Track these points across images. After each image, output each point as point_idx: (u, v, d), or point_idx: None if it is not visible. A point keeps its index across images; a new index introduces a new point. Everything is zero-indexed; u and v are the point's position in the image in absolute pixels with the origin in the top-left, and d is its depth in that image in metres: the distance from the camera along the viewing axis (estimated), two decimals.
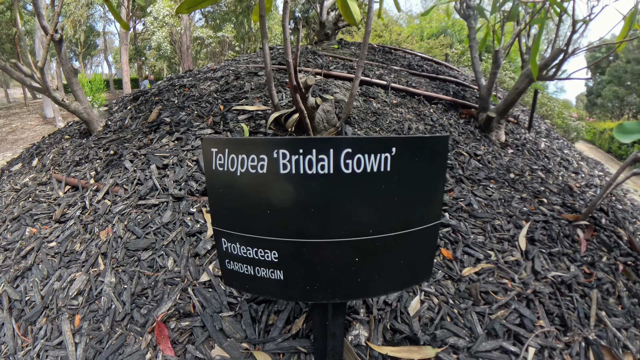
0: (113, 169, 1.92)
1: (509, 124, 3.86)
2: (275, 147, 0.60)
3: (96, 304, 1.24)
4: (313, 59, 3.15)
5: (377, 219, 0.66)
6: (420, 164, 0.65)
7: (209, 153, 0.67)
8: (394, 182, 0.63)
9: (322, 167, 0.59)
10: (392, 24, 7.03)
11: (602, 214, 2.50)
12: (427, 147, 0.66)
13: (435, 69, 4.10)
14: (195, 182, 1.59)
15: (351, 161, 0.60)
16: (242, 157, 0.63)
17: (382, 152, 0.61)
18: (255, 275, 0.77)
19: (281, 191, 0.63)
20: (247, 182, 0.65)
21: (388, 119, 2.48)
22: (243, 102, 2.29)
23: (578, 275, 1.64)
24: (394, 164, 0.62)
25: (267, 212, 0.66)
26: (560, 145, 4.64)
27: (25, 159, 3.29)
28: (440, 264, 1.33)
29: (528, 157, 3.24)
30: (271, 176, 0.62)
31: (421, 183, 0.68)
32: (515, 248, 1.56)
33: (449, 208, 1.67)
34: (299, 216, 0.65)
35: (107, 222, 1.56)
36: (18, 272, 1.54)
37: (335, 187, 0.61)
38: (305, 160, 0.59)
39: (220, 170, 0.67)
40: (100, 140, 2.50)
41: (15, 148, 9.29)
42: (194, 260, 1.31)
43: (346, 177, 0.61)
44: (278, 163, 0.60)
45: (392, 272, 0.75)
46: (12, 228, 1.98)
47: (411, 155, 0.64)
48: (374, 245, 0.68)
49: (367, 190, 0.63)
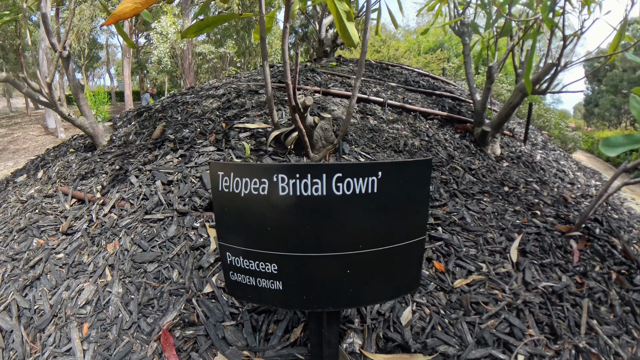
0: (119, 183, 2.01)
1: (504, 137, 3.96)
2: (275, 172, 0.69)
3: (104, 313, 1.31)
4: (312, 76, 3.27)
5: (366, 235, 0.74)
6: (405, 185, 0.74)
7: (216, 176, 0.76)
8: (381, 202, 0.72)
9: (316, 190, 0.68)
10: (390, 39, 7.24)
11: (597, 224, 2.58)
12: (411, 170, 0.75)
13: (431, 85, 4.23)
14: (198, 198, 1.68)
15: (342, 184, 0.68)
16: (245, 180, 0.72)
17: (369, 175, 0.69)
18: (257, 286, 0.84)
19: (280, 211, 0.71)
20: (249, 202, 0.73)
21: (384, 135, 2.58)
22: (244, 120, 2.40)
23: (569, 285, 1.70)
24: (380, 186, 0.70)
25: (268, 229, 0.74)
26: (556, 156, 4.74)
27: (29, 170, 3.38)
28: (433, 276, 1.40)
29: (523, 169, 3.33)
30: (271, 197, 0.70)
31: (406, 202, 0.76)
32: (507, 260, 1.63)
33: (442, 222, 1.75)
34: (297, 233, 0.73)
35: (114, 235, 1.63)
36: (27, 281, 1.61)
37: (328, 207, 0.70)
38: (302, 183, 0.68)
39: (226, 191, 0.75)
40: (106, 155, 2.59)
41: (16, 158, 9.41)
42: (197, 273, 1.38)
43: (338, 198, 0.69)
44: (277, 186, 0.69)
45: (382, 282, 0.82)
46: (19, 239, 2.05)
47: (396, 178, 0.72)
48: (363, 258, 0.76)
49: (356, 209, 0.71)
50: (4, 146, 10.46)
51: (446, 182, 2.29)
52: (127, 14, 1.28)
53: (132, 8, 1.27)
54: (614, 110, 24.16)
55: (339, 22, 1.92)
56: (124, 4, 1.27)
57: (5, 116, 16.80)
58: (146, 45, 15.09)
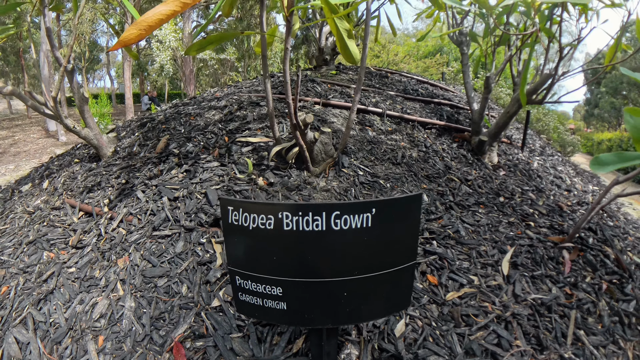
0: (126, 198, 2.12)
1: (502, 145, 4.07)
2: (280, 210, 0.80)
3: (118, 326, 1.42)
4: (312, 87, 3.39)
5: (361, 263, 0.86)
6: (396, 219, 0.85)
7: (226, 210, 0.87)
8: (374, 235, 0.83)
9: (317, 225, 0.79)
10: (389, 43, 7.37)
11: (591, 233, 2.68)
12: (402, 205, 0.86)
13: (429, 93, 4.34)
14: (204, 214, 1.79)
15: (339, 220, 0.80)
16: (253, 216, 0.83)
17: (364, 212, 0.80)
18: (263, 306, 0.96)
19: (285, 243, 0.82)
20: (257, 234, 0.84)
21: (383, 147, 2.69)
22: (246, 133, 2.51)
23: (559, 296, 1.81)
24: (374, 221, 0.81)
25: (274, 258, 0.85)
26: (554, 162, 4.85)
27: (34, 179, 3.49)
28: (426, 289, 1.51)
29: (520, 177, 3.44)
30: (277, 231, 0.82)
31: (397, 234, 0.87)
32: (498, 273, 1.74)
33: (437, 236, 1.86)
34: (299, 262, 0.84)
35: (124, 251, 1.75)
36: (41, 295, 1.72)
37: (327, 240, 0.81)
38: (304, 220, 0.79)
39: (236, 224, 0.86)
40: (111, 167, 2.70)
41: (17, 161, 9.51)
42: (205, 287, 1.49)
43: (336, 232, 0.80)
44: (282, 222, 0.80)
45: (375, 303, 0.94)
46: (29, 251, 2.16)
47: (388, 213, 0.83)
48: (359, 283, 0.87)
49: (352, 242, 0.83)
50: (4, 149, 10.57)
51: (442, 194, 2.41)
52: (132, 40, 1.39)
53: (136, 34, 1.38)
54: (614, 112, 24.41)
55: (339, 39, 2.03)
56: (129, 30, 1.38)
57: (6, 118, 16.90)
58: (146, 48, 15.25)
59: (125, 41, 1.37)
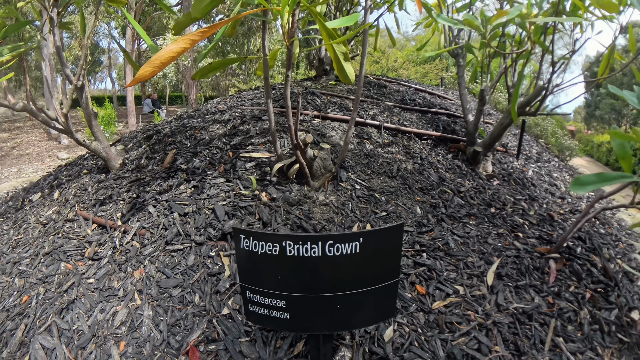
0: (138, 212, 2.32)
1: (497, 153, 4.26)
2: (283, 239, 1.00)
3: (137, 332, 1.62)
4: (312, 99, 3.59)
5: (351, 282, 1.05)
6: (381, 244, 1.05)
7: (239, 237, 1.07)
8: (362, 258, 1.03)
9: (314, 252, 0.99)
10: (389, 49, 7.58)
11: (579, 242, 2.87)
12: (385, 234, 1.05)
13: (427, 102, 4.54)
14: (213, 229, 1.99)
15: (333, 248, 0.99)
16: (262, 243, 1.03)
17: (353, 241, 1.00)
18: (269, 315, 1.16)
19: (288, 265, 1.02)
20: (265, 258, 1.04)
21: (379, 160, 2.89)
22: (250, 148, 2.71)
23: (541, 305, 2.00)
24: (362, 247, 1.01)
25: (279, 277, 1.05)
26: (550, 168, 5.03)
27: (43, 188, 3.69)
28: (414, 299, 1.71)
29: (514, 186, 3.63)
30: (281, 256, 1.01)
31: (382, 257, 1.07)
32: (483, 283, 1.94)
33: (427, 248, 2.05)
34: (300, 280, 1.04)
35: (139, 263, 1.95)
36: (63, 304, 1.92)
37: (323, 263, 1.01)
38: (303, 247, 0.99)
39: (246, 249, 1.06)
40: (120, 180, 2.90)
41: (20, 164, 9.72)
42: (215, 297, 1.69)
43: (330, 257, 1.00)
44: (286, 249, 1.00)
45: (365, 313, 1.13)
46: (46, 262, 2.36)
47: (374, 240, 1.03)
48: (350, 297, 1.07)
49: (344, 264, 1.02)
50: (6, 152, 10.80)
51: (435, 206, 2.60)
52: (147, 77, 1.59)
53: (150, 72, 1.58)
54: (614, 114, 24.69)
55: (336, 62, 2.22)
56: (144, 68, 1.57)
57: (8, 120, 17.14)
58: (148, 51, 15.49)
59: (141, 78, 1.57)
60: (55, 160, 9.94)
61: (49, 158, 10.11)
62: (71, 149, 11.95)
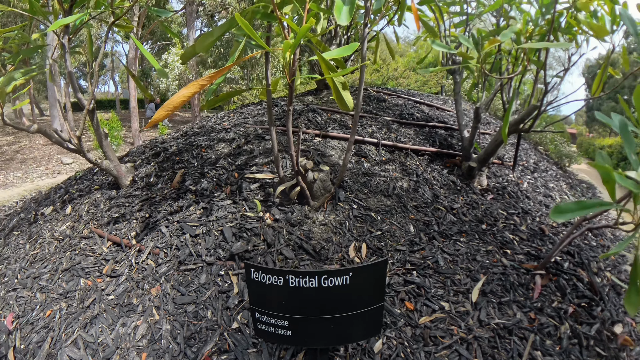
0: (151, 232, 2.59)
1: (493, 166, 4.51)
2: (287, 274, 1.26)
3: (157, 344, 1.89)
4: (313, 117, 3.86)
5: (343, 306, 1.31)
6: (368, 277, 1.31)
7: (249, 271, 1.33)
8: (352, 288, 1.29)
9: (312, 283, 1.25)
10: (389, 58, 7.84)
11: (568, 257, 3.10)
12: (372, 268, 1.31)
13: (425, 116, 4.80)
14: (222, 250, 2.26)
15: (327, 280, 1.25)
16: (268, 276, 1.29)
17: (344, 275, 1.26)
18: (275, 332, 1.42)
19: (290, 293, 1.28)
20: (271, 287, 1.30)
21: (376, 179, 3.15)
22: (254, 169, 2.98)
23: (522, 320, 2.24)
24: (351, 279, 1.27)
25: (283, 302, 1.32)
26: (546, 179, 5.27)
27: (55, 202, 3.96)
28: (403, 314, 1.97)
29: (507, 200, 3.88)
30: (284, 286, 1.27)
31: (369, 287, 1.33)
32: (468, 300, 2.19)
33: (417, 267, 2.31)
34: (300, 305, 1.30)
35: (155, 281, 2.22)
36: (87, 319, 2.19)
37: (319, 292, 1.27)
38: (303, 280, 1.25)
39: (256, 280, 1.32)
40: (131, 198, 3.18)
41: (24, 169, 10.03)
42: (226, 312, 1.96)
43: (325, 288, 1.26)
44: (288, 281, 1.26)
45: (355, 330, 1.40)
46: (66, 278, 2.63)
47: (362, 274, 1.29)
48: (342, 318, 1.33)
49: (337, 293, 1.28)
50: (11, 155, 11.13)
51: (428, 224, 2.86)
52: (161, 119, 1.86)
53: (164, 115, 1.84)
54: None
55: (335, 91, 2.48)
56: (159, 112, 1.83)
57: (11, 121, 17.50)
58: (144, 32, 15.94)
59: (156, 120, 1.85)
60: (60, 165, 10.26)
61: (53, 162, 10.42)
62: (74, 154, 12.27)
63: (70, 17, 2.72)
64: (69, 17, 2.75)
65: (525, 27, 3.60)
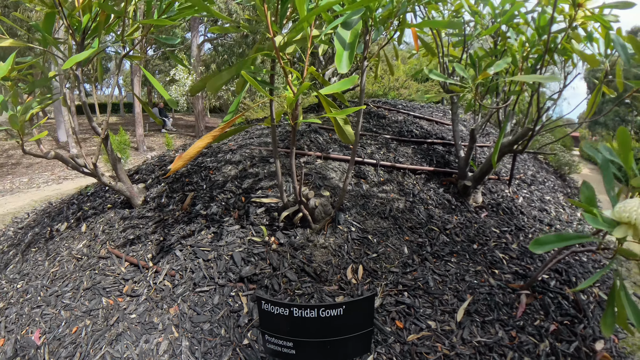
0: (166, 254, 2.97)
1: (489, 182, 4.85)
2: (291, 307, 1.62)
3: (178, 359, 2.26)
4: (315, 138, 4.22)
5: (338, 331, 1.67)
6: (358, 309, 1.67)
7: (260, 303, 1.69)
8: (346, 317, 1.65)
9: (312, 314, 1.61)
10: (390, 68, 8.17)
11: (555, 275, 3.44)
12: (362, 302, 1.67)
13: (423, 133, 5.14)
14: (232, 273, 2.63)
15: (325, 312, 1.61)
16: (276, 307, 1.65)
17: (339, 308, 1.62)
18: (281, 351, 1.78)
19: (294, 322, 1.65)
20: (279, 316, 1.66)
21: (374, 201, 3.51)
22: (259, 193, 3.34)
23: (503, 338, 2.57)
24: (345, 311, 1.63)
25: (288, 328, 1.68)
26: (543, 191, 5.59)
27: (68, 218, 4.34)
28: (393, 332, 2.33)
29: (501, 217, 4.22)
30: (290, 316, 1.64)
31: (359, 316, 1.69)
32: (453, 319, 2.55)
33: (408, 288, 2.67)
34: (302, 330, 1.67)
35: (173, 301, 2.59)
36: (112, 336, 2.57)
37: (318, 321, 1.63)
38: (305, 311, 1.61)
39: (266, 310, 1.68)
40: (145, 219, 3.55)
41: (30, 174, 10.47)
42: (237, 330, 2.33)
43: (323, 318, 1.62)
44: (293, 312, 1.62)
45: (349, 350, 1.76)
46: (88, 297, 3.00)
47: (354, 307, 1.65)
48: (338, 341, 1.70)
49: (333, 322, 1.65)
50: (17, 160, 11.59)
51: (421, 245, 3.21)
52: (179, 168, 2.23)
53: (181, 164, 2.19)
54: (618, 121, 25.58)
55: (337, 126, 2.82)
56: (177, 163, 2.18)
57: None
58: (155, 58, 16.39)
59: (175, 169, 2.21)
60: (65, 170, 10.70)
61: (59, 168, 10.86)
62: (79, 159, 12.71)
63: (84, 53, 3.06)
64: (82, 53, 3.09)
65: (521, 48, 3.92)
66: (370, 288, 2.64)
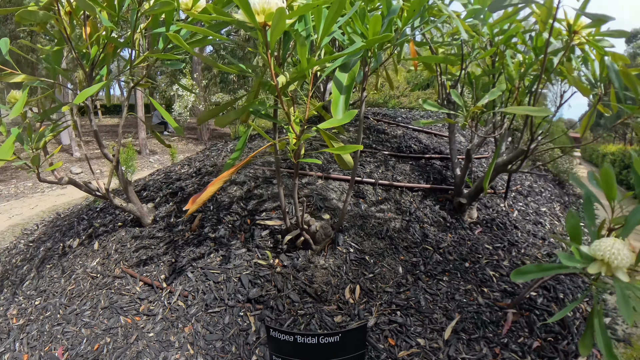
0: (179, 276, 3.33)
1: (484, 197, 5.18)
2: (295, 335, 1.98)
3: None
4: (316, 157, 4.56)
5: (335, 354, 2.04)
6: (352, 336, 2.03)
7: (269, 330, 2.05)
8: (342, 343, 2.01)
9: (313, 341, 1.97)
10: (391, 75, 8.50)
11: (544, 292, 3.77)
12: (355, 331, 2.03)
13: (422, 147, 5.48)
14: (240, 295, 2.99)
15: (323, 340, 1.97)
16: (282, 335, 2.01)
17: (335, 336, 1.98)
18: None
19: (297, 347, 2.01)
20: (285, 342, 2.02)
21: (372, 221, 3.86)
22: (264, 215, 3.70)
23: (487, 355, 2.93)
24: (341, 338, 1.99)
25: (292, 351, 2.04)
26: (539, 202, 5.91)
27: (80, 234, 4.71)
28: (385, 349, 2.69)
29: (495, 232, 4.56)
30: (294, 341, 2.00)
31: (353, 341, 2.05)
32: (441, 337, 2.90)
33: (401, 308, 3.03)
34: (304, 353, 2.03)
35: (187, 321, 2.96)
36: (133, 354, 2.94)
37: (318, 346, 1.99)
38: (307, 339, 1.97)
39: (273, 336, 2.05)
40: (156, 240, 3.92)
41: (34, 178, 10.88)
42: (246, 347, 2.69)
43: (322, 344, 1.98)
44: (297, 339, 1.98)
45: None
46: (106, 315, 3.37)
47: (348, 335, 2.01)
48: None
49: (330, 346, 2.01)
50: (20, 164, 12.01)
51: (415, 264, 3.56)
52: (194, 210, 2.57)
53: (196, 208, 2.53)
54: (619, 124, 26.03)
55: (337, 157, 3.15)
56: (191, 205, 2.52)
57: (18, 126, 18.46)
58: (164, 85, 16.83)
59: (191, 212, 2.55)
60: (69, 174, 11.12)
61: (63, 172, 11.28)
62: (83, 162, 13.17)
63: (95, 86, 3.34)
64: (93, 87, 3.38)
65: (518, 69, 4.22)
66: (366, 307, 3.01)
